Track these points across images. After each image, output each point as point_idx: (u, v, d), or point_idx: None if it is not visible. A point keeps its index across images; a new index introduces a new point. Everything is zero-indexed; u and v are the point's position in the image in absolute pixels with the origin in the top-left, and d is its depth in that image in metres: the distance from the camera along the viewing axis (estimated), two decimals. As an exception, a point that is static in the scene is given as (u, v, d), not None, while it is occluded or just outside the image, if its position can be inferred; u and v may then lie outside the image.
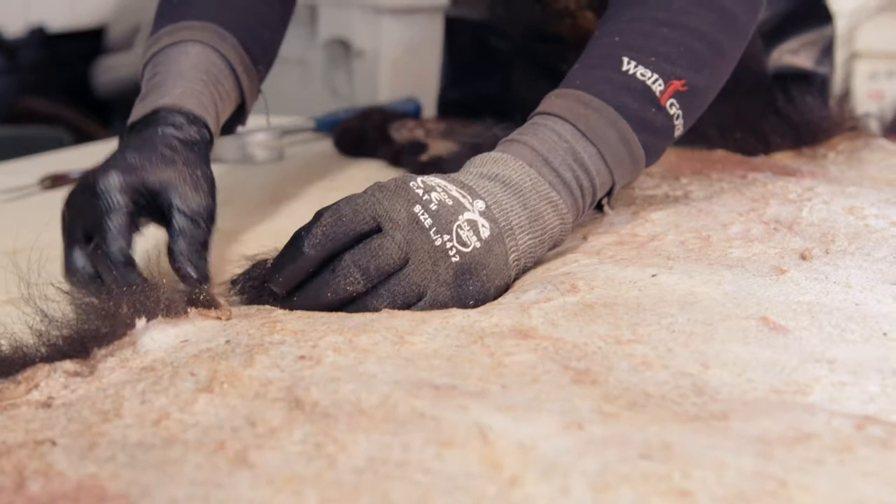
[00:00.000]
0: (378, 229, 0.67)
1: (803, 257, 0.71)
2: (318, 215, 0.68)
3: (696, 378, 0.52)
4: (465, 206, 0.69)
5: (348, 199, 0.68)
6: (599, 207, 0.81)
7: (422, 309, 0.66)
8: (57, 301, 0.63)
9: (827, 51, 1.26)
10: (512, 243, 0.70)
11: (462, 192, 0.70)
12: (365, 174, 1.24)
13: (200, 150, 0.81)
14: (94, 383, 0.54)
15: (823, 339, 0.57)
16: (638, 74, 0.78)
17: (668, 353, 0.55)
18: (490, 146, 0.80)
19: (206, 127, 0.84)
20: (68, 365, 0.56)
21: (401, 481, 0.42)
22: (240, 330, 0.60)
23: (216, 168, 0.83)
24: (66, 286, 0.68)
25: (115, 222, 0.73)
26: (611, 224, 0.81)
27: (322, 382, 0.51)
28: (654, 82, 0.78)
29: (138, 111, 0.83)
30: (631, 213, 0.83)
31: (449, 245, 0.67)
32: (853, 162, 1.05)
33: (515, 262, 0.71)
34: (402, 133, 1.33)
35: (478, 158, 0.75)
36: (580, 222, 0.80)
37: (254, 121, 1.01)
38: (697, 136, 1.09)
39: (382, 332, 0.59)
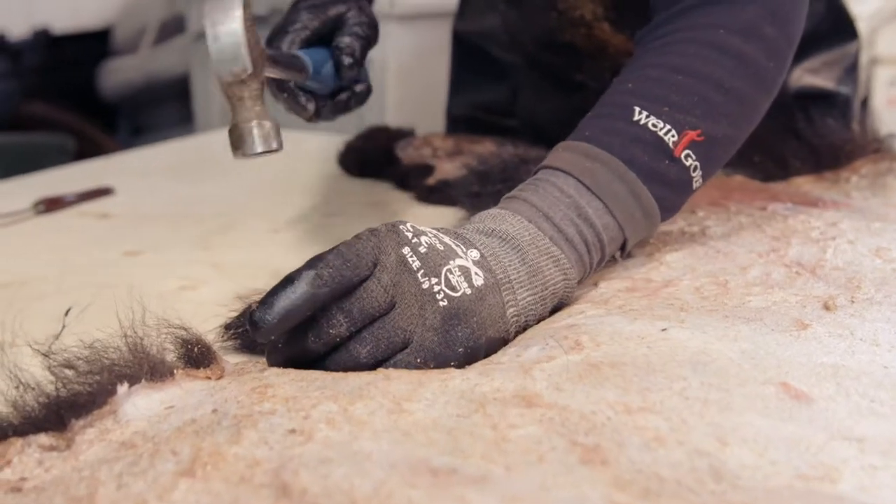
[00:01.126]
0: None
1: (827, 307, 0.67)
2: (320, 258, 0.63)
3: (714, 458, 0.49)
4: (457, 252, 0.67)
5: (350, 244, 0.64)
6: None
7: (409, 356, 0.63)
8: (33, 364, 0.60)
9: (850, 69, 1.22)
10: (510, 297, 0.68)
11: (455, 241, 0.68)
12: (370, 198, 1.22)
13: None
14: (71, 461, 0.51)
15: (851, 410, 0.53)
16: (650, 125, 0.75)
17: (682, 424, 0.52)
18: (498, 171, 0.78)
19: None
20: (43, 439, 0.53)
21: None
22: (228, 396, 0.57)
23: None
24: (42, 347, 0.64)
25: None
26: (624, 268, 0.78)
27: (312, 464, 0.48)
28: (666, 133, 0.76)
29: None
30: (646, 254, 0.80)
31: (437, 289, 0.65)
32: (877, 188, 1.01)
33: (514, 318, 0.68)
34: (408, 152, 1.30)
35: (476, 216, 0.74)
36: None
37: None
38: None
39: (379, 398, 0.55)
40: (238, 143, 0.74)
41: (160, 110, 3.36)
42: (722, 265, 0.77)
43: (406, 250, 0.66)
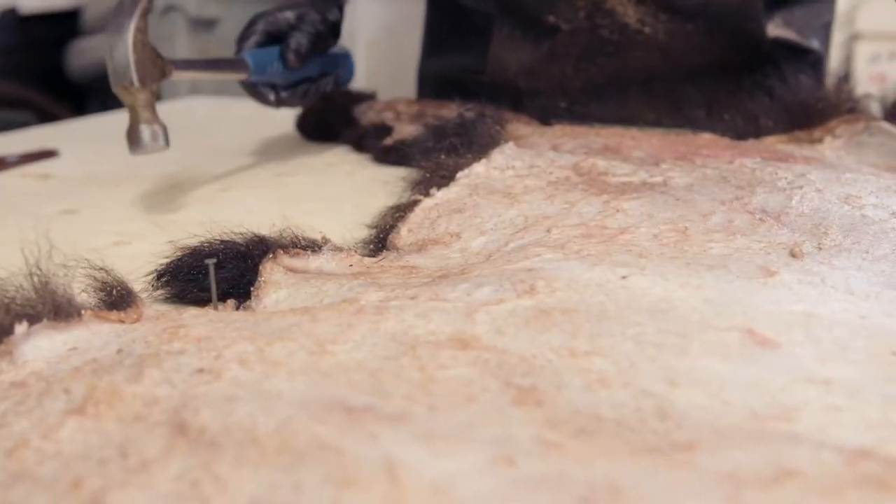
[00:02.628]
0: None
1: (793, 254, 0.63)
2: None
3: (661, 399, 0.44)
4: None
5: None
6: None
7: None
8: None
9: (825, 27, 1.19)
10: None
11: None
12: (324, 160, 1.17)
13: None
14: (-46, 402, 0.46)
15: (819, 356, 0.49)
16: None
17: (630, 368, 0.48)
18: (453, 126, 0.75)
19: None
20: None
21: (283, 532, 0.34)
22: (137, 337, 0.52)
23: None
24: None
25: None
26: (578, 215, 0.73)
27: (216, 403, 0.44)
28: None
29: None
30: (602, 202, 0.75)
31: None
32: (851, 147, 0.97)
33: None
34: (368, 116, 1.26)
35: None
36: (544, 213, 0.73)
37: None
38: (683, 119, 1.02)
39: (301, 339, 0.51)
40: (132, 141, 0.90)
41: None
42: (682, 212, 0.72)
43: None
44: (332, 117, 1.28)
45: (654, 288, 0.57)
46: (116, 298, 0.58)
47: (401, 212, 0.79)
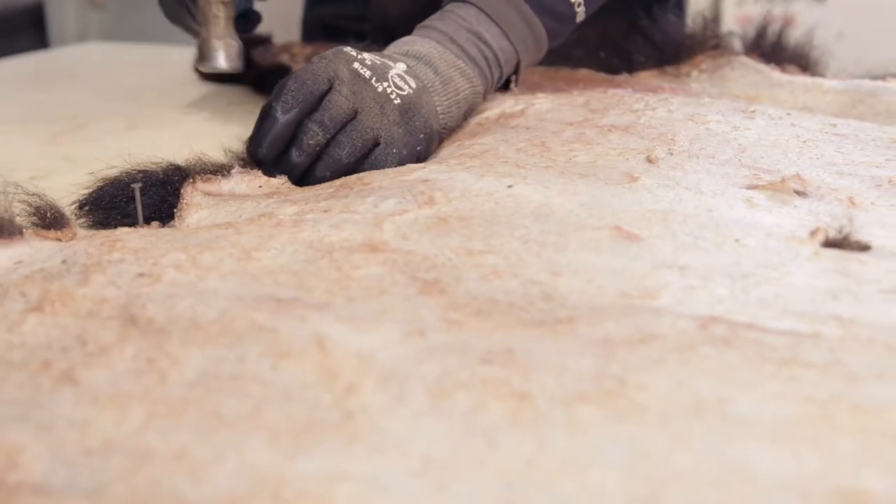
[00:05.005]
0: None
1: (650, 160, 0.71)
2: (282, 86, 0.75)
3: (546, 286, 0.52)
4: (390, 65, 0.80)
5: (305, 68, 0.76)
6: (507, 87, 0.94)
7: (383, 151, 0.76)
8: None
9: None
10: (436, 98, 0.81)
11: (383, 58, 0.81)
12: (226, 98, 1.21)
13: None
14: (-85, 308, 0.51)
15: (677, 246, 0.56)
16: None
17: (518, 262, 0.54)
18: None
19: None
20: None
21: (233, 394, 0.41)
22: (77, 250, 0.57)
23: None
24: None
25: None
26: (436, 155, 0.81)
27: (159, 299, 0.49)
28: None
29: None
30: (455, 143, 0.83)
31: (389, 90, 0.78)
32: (715, 80, 1.06)
33: (442, 116, 0.82)
34: (265, 58, 1.30)
35: (392, 44, 0.87)
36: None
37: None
38: (562, 57, 1.08)
39: (228, 248, 0.57)
40: (207, 56, 0.89)
41: (14, 39, 3.26)
42: (535, 134, 0.80)
43: (356, 65, 0.77)
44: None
45: (535, 195, 0.64)
46: (50, 220, 0.63)
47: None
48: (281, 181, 0.75)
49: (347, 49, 0.79)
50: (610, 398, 0.40)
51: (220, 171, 0.74)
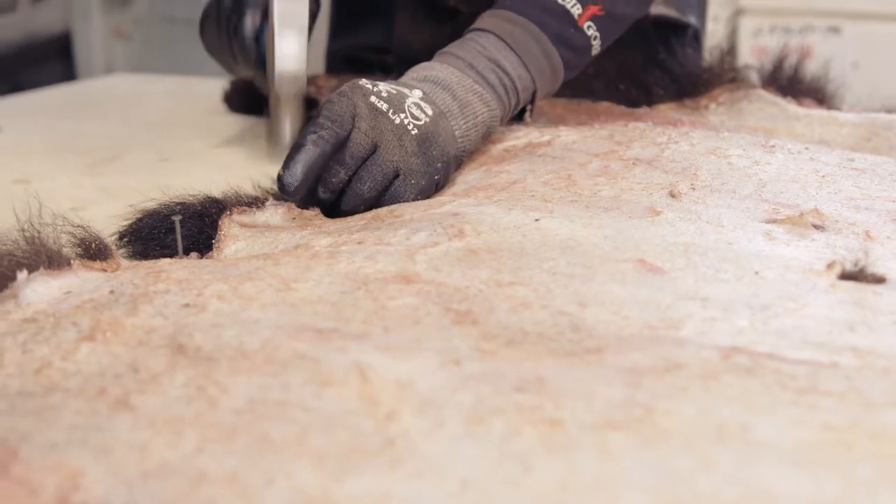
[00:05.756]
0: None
1: (672, 195, 0.73)
2: (313, 127, 0.78)
3: (574, 316, 0.54)
4: (406, 94, 0.82)
5: (327, 106, 0.79)
6: (521, 117, 0.98)
7: (403, 183, 0.79)
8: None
9: (700, 3, 1.30)
10: (453, 123, 0.84)
11: (399, 87, 0.83)
12: (255, 131, 1.24)
13: None
14: (-27, 337, 0.54)
15: (698, 278, 0.59)
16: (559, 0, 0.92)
17: (547, 293, 0.57)
18: None
19: None
20: (-53, 319, 0.55)
21: (280, 420, 0.43)
22: (123, 280, 0.60)
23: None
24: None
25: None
26: (464, 182, 0.84)
27: (205, 329, 0.52)
28: (572, 6, 0.93)
29: None
30: (483, 169, 0.86)
31: (406, 121, 0.80)
32: (733, 112, 1.08)
33: (461, 140, 0.84)
34: (292, 90, 1.32)
35: (410, 70, 0.89)
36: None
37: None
38: (583, 89, 1.11)
39: (268, 279, 0.59)
40: (278, 141, 1.02)
41: (40, 68, 3.31)
42: (561, 164, 0.83)
43: (373, 98, 0.80)
44: (257, 92, 1.34)
45: (562, 228, 0.66)
46: (95, 251, 0.66)
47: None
48: (314, 213, 0.77)
49: (363, 82, 0.81)
50: (638, 424, 0.42)
51: (255, 202, 0.77)
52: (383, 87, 0.82)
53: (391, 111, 0.80)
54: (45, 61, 3.25)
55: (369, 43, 1.41)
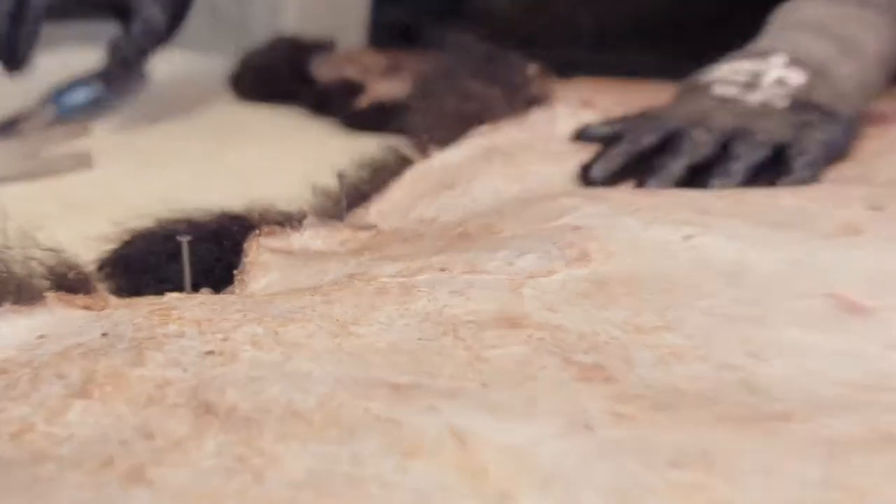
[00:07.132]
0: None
1: (874, 207, 0.75)
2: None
3: (745, 371, 0.56)
4: (762, 68, 0.93)
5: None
6: None
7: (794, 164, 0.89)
8: None
9: None
10: (840, 72, 0.92)
11: (753, 59, 0.94)
12: (277, 129, 1.27)
13: None
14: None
15: (920, 320, 0.61)
16: None
17: (706, 341, 0.59)
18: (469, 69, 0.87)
19: None
20: None
21: (351, 500, 0.46)
22: (119, 321, 0.63)
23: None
24: None
25: None
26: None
27: (241, 383, 0.55)
28: None
29: None
30: None
31: (769, 98, 0.92)
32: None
33: (853, 91, 0.94)
34: (323, 71, 1.35)
35: (770, 23, 1.01)
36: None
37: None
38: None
39: (317, 321, 0.62)
40: None
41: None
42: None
43: (717, 88, 0.94)
44: (277, 73, 1.37)
45: (724, 250, 0.69)
46: (72, 283, 0.69)
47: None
48: (370, 234, 0.80)
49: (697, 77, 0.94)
50: (844, 510, 0.44)
51: (289, 221, 0.80)
52: (727, 69, 0.94)
53: (747, 95, 0.91)
54: None
55: (430, 7, 1.44)
